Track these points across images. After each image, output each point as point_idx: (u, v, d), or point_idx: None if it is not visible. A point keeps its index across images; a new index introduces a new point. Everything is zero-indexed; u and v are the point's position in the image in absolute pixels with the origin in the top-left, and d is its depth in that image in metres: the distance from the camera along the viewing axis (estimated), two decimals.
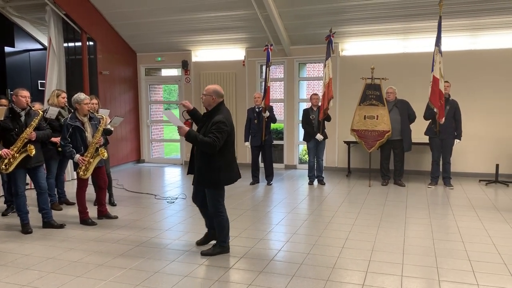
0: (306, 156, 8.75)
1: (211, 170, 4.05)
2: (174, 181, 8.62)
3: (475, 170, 8.44)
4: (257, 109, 7.85)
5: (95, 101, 6.17)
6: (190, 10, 8.77)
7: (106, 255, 4.32)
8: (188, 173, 4.35)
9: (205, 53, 10.29)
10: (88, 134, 5.37)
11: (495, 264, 3.98)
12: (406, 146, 7.72)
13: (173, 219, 5.68)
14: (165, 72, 11.53)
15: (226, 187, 4.29)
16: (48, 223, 5.28)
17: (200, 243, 4.55)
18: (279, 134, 10.37)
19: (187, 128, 4.00)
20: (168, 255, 4.30)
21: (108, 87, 9.77)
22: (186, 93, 10.43)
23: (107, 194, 6.06)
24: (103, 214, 5.71)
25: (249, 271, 3.87)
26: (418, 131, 7.84)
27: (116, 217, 5.73)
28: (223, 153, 4.06)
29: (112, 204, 6.42)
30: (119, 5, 9.00)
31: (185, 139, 4.02)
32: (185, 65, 10.28)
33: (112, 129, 6.28)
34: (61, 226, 5.28)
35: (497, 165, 7.82)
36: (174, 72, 11.08)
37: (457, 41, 8.35)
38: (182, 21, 9.17)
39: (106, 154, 5.49)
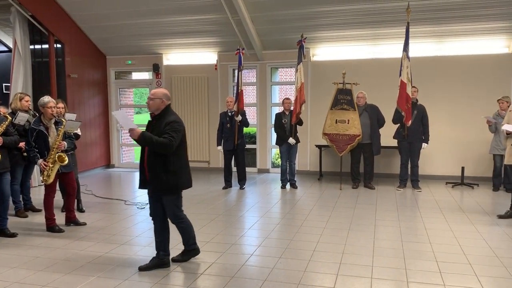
0: (279, 160, 8.80)
1: (168, 174, 3.85)
2: None
3: (442, 173, 8.68)
4: (229, 113, 7.83)
5: (61, 105, 5.99)
6: (161, 14, 8.70)
7: (74, 263, 4.20)
8: (140, 186, 4.02)
9: (176, 56, 10.21)
10: (52, 139, 5.20)
11: (460, 265, 4.09)
12: (376, 149, 7.87)
13: (143, 225, 5.58)
14: (136, 76, 11.39)
15: (195, 193, 4.26)
16: (0, 231, 5.08)
17: (142, 268, 4.04)
18: (252, 138, 10.39)
19: (140, 130, 3.76)
20: (138, 262, 4.22)
21: (76, 91, 9.55)
22: None
23: (75, 200, 5.91)
24: (71, 220, 5.57)
25: (220, 277, 3.84)
26: (387, 135, 8.01)
27: (84, 224, 5.59)
28: (179, 155, 3.90)
29: (81, 210, 6.26)
30: (88, 7, 8.83)
31: (137, 142, 3.76)
32: (156, 68, 10.17)
33: (80, 133, 6.13)
34: (13, 235, 5.06)
35: (463, 168, 8.07)
36: (145, 75, 10.96)
37: (423, 47, 8.59)
38: (153, 24, 9.07)
39: (66, 160, 5.23)
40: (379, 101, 8.12)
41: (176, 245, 4.39)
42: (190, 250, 4.21)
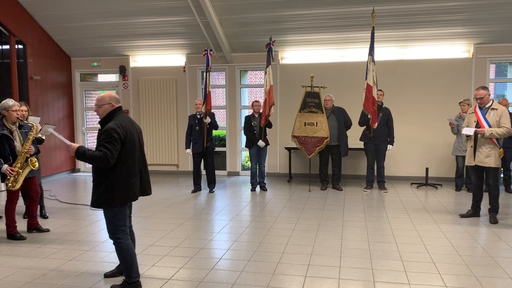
0: (249, 162, 8.80)
1: (102, 186, 3.43)
2: None
3: (407, 174, 8.91)
4: (198, 116, 7.78)
5: (24, 108, 5.81)
6: (128, 15, 8.56)
7: (36, 271, 4.06)
8: None
9: (144, 58, 10.07)
10: (17, 143, 5.06)
11: (425, 263, 4.20)
12: (343, 151, 7.99)
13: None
14: (102, 78, 11.14)
15: (163, 197, 4.13)
16: None
17: (108, 275, 3.91)
18: (222, 141, 10.35)
19: (75, 146, 3.44)
20: (104, 268, 4.12)
21: (39, 93, 9.27)
22: (124, 100, 10.13)
23: (38, 206, 5.72)
24: (33, 227, 5.38)
25: (189, 282, 3.80)
26: (354, 137, 8.16)
27: (47, 230, 5.42)
28: (117, 165, 3.40)
29: (44, 216, 6.07)
30: (51, 7, 8.59)
31: (76, 158, 3.46)
32: (122, 70, 10.00)
33: (44, 137, 5.95)
34: None
35: (427, 169, 8.31)
36: (112, 77, 10.74)
37: (388, 51, 8.81)
38: (119, 25, 8.92)
39: (37, 165, 5.18)
40: (346, 103, 8.27)
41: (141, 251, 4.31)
42: (130, 283, 3.58)
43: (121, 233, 3.54)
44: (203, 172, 8.13)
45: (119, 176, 3.43)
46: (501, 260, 4.27)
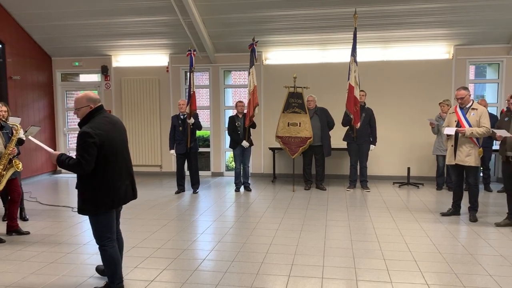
0: (233, 163, 8.79)
1: (85, 192, 3.34)
2: None
3: (389, 173, 9.02)
4: (181, 116, 7.74)
5: (4, 108, 5.68)
6: (110, 14, 8.46)
7: (15, 275, 3.98)
8: None
9: (126, 58, 9.97)
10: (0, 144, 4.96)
11: (406, 262, 4.25)
12: (326, 151, 8.04)
13: (91, 232, 5.36)
14: (84, 78, 10.99)
15: (146, 198, 4.06)
16: None
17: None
18: (206, 142, 10.32)
19: (56, 153, 3.36)
20: (85, 271, 4.07)
21: (19, 93, 9.09)
22: (106, 100, 10.02)
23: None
24: (13, 229, 5.28)
25: (172, 283, 3.78)
26: (337, 137, 8.22)
27: (28, 233, 5.32)
28: (98, 170, 3.27)
29: (24, 219, 5.96)
30: (31, 6, 8.45)
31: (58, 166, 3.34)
32: (105, 70, 9.89)
33: (24, 138, 5.85)
34: None
35: (409, 168, 8.43)
36: (94, 77, 10.61)
37: (370, 52, 8.90)
38: (101, 25, 8.82)
39: (21, 166, 5.09)
40: (328, 104, 8.33)
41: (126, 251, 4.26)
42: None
43: (106, 240, 3.44)
44: (187, 173, 8.08)
45: (102, 181, 3.31)
46: (480, 257, 4.36)
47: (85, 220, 5.93)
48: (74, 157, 3.29)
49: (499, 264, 4.15)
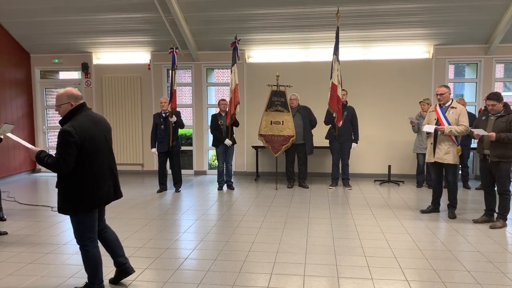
0: (216, 161, 8.77)
1: (65, 192, 3.26)
2: None
3: (371, 171, 9.12)
4: (163, 114, 7.68)
5: None
6: (90, 11, 8.34)
7: None
8: None
9: (107, 55, 9.84)
10: None
11: (387, 258, 4.31)
12: (309, 149, 8.09)
13: (71, 232, 5.22)
14: (63, 75, 10.81)
15: (128, 197, 3.99)
16: None
17: (112, 281, 3.74)
18: (188, 140, 10.26)
19: (36, 150, 3.26)
20: (65, 271, 4.01)
21: None
22: (86, 98, 9.86)
23: None
24: None
25: (153, 282, 3.75)
26: (319, 135, 8.27)
27: (5, 233, 5.21)
28: (78, 169, 3.20)
29: (1, 218, 5.83)
30: (9, 1, 8.27)
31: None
32: (85, 67, 9.74)
33: (2, 136, 5.72)
34: None
35: (389, 166, 8.54)
36: (74, 75, 10.44)
37: (351, 51, 8.97)
38: (81, 21, 8.68)
39: None
40: (311, 102, 8.37)
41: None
42: None
43: (88, 241, 3.37)
44: (169, 171, 8.03)
45: (82, 181, 3.24)
46: (458, 253, 4.44)
47: (64, 220, 5.84)
48: (54, 155, 3.22)
49: (476, 260, 4.24)
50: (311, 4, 7.85)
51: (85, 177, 3.25)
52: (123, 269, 3.69)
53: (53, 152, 8.98)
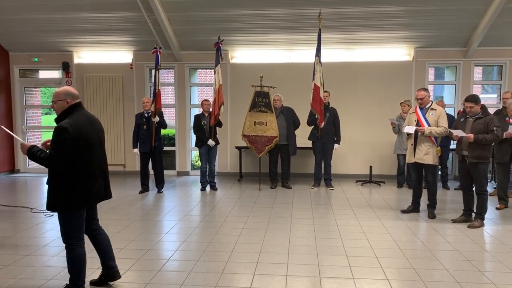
0: (199, 162, 8.74)
1: (55, 188, 3.26)
2: None
3: (353, 172, 9.22)
4: (146, 114, 7.62)
5: None
6: (71, 9, 8.22)
7: None
8: None
9: (89, 55, 9.72)
10: None
11: (368, 258, 4.36)
12: (292, 150, 8.13)
13: (52, 233, 5.23)
14: (43, 74, 10.64)
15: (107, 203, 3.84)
16: None
17: (94, 283, 3.70)
18: (171, 140, 10.20)
19: (28, 145, 3.25)
20: (45, 273, 3.95)
21: None
22: None
23: None
24: None
25: (135, 284, 3.72)
26: (302, 136, 8.32)
27: None
28: (71, 166, 3.22)
29: None
30: None
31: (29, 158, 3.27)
32: (66, 66, 9.60)
33: None
34: None
35: (371, 167, 8.65)
36: (54, 74, 10.29)
37: (334, 53, 9.05)
38: (62, 20, 8.55)
39: None
40: (294, 103, 8.41)
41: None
42: None
43: (74, 240, 3.35)
44: (151, 172, 7.97)
45: (74, 178, 3.25)
46: (438, 252, 4.53)
47: (44, 221, 5.75)
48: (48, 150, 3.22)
49: (455, 259, 4.33)
50: (295, 6, 7.89)
51: (78, 174, 3.26)
52: (111, 273, 3.66)
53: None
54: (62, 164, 3.18)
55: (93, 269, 4.00)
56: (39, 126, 10.52)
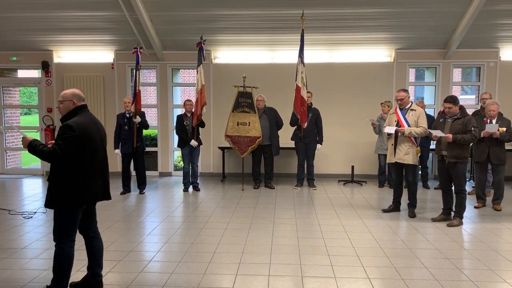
0: (181, 162, 8.69)
1: (55, 184, 3.29)
2: (33, 193, 7.81)
3: (335, 172, 9.29)
4: (127, 115, 7.54)
5: None
6: (51, 7, 8.07)
7: None
8: None
9: (69, 54, 9.57)
10: None
11: (349, 257, 4.40)
12: (275, 150, 8.16)
13: (30, 235, 5.14)
14: (22, 74, 10.43)
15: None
16: None
17: (75, 285, 3.63)
18: (153, 141, 10.12)
19: (30, 138, 3.30)
20: (22, 276, 3.87)
21: None
22: (47, 97, 9.58)
23: None
24: None
25: (116, 286, 3.68)
26: (285, 136, 8.35)
27: None
28: (72, 164, 3.27)
29: None
30: None
31: (28, 151, 3.30)
32: (45, 66, 9.43)
33: None
34: None
35: (353, 167, 8.73)
36: (33, 73, 10.10)
37: (317, 54, 9.11)
38: (42, 18, 8.39)
39: None
40: (277, 104, 8.44)
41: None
42: None
43: (66, 239, 3.35)
44: (133, 173, 7.89)
45: (76, 176, 3.30)
46: (418, 251, 4.60)
47: (23, 224, 5.64)
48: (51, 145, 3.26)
49: (434, 257, 4.40)
50: (277, 7, 7.91)
51: (79, 173, 3.32)
52: (95, 281, 3.61)
53: (10, 153, 8.58)
54: (63, 160, 3.24)
55: (72, 272, 3.94)
56: (17, 126, 10.31)
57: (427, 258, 4.38)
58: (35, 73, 10.03)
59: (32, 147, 3.25)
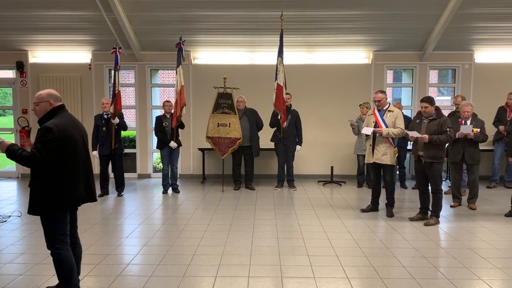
0: (160, 164, 8.61)
1: (38, 189, 3.18)
2: (8, 196, 7.62)
3: (314, 172, 9.35)
4: (105, 116, 7.43)
5: None
6: (25, 6, 7.91)
7: None
8: None
9: (45, 54, 9.38)
10: None
11: (329, 257, 4.43)
12: (255, 152, 8.16)
13: (4, 240, 5.00)
14: None
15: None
16: None
17: None
18: (132, 142, 10.00)
19: (7, 142, 3.16)
20: None
21: None
22: (22, 98, 9.36)
23: None
24: None
25: None
26: (265, 138, 8.36)
27: None
28: (54, 167, 3.16)
29: None
30: None
31: (7, 156, 3.16)
32: (20, 66, 9.22)
33: None
34: None
35: (332, 167, 8.80)
36: (8, 73, 9.86)
37: (296, 55, 9.16)
38: (15, 17, 8.20)
39: None
40: (257, 105, 8.44)
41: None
42: None
43: (60, 243, 3.27)
44: (111, 175, 7.77)
45: (57, 179, 3.19)
46: (395, 250, 4.66)
47: None
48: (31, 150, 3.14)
49: (412, 256, 4.47)
50: (256, 8, 7.93)
51: (62, 176, 3.21)
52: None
53: None
54: (44, 164, 3.12)
55: (49, 276, 3.87)
56: None
57: (404, 257, 4.45)
58: (10, 73, 9.79)
59: (11, 151, 3.12)
